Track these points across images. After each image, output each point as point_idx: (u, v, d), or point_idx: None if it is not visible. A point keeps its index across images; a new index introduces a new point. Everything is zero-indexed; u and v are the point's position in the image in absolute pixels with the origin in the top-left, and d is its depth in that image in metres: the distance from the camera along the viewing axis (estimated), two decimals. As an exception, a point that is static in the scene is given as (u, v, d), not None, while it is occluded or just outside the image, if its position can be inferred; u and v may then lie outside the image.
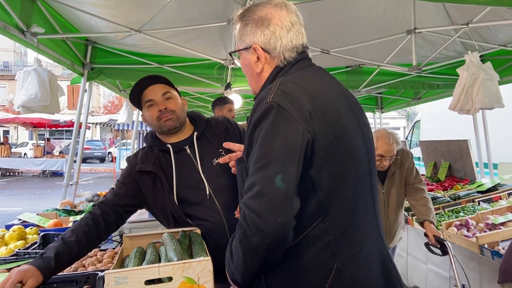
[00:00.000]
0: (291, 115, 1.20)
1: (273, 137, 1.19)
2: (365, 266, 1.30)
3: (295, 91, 1.26)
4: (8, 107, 33.97)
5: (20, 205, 11.00)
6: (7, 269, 2.01)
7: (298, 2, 3.04)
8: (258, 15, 1.42)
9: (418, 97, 7.53)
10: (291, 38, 1.40)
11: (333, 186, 1.25)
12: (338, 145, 1.26)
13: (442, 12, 4.04)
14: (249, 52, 1.45)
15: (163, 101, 2.01)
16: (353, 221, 1.30)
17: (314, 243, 1.25)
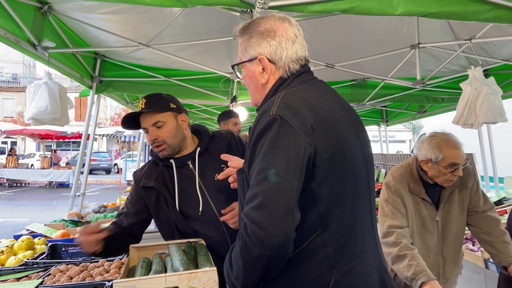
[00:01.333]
0: (294, 128, 1.22)
1: (275, 150, 1.21)
2: (363, 278, 1.31)
3: (297, 104, 1.29)
4: (16, 118, 34.35)
5: (27, 216, 11.06)
6: (16, 278, 2.04)
7: (302, 19, 3.11)
8: (263, 27, 1.45)
9: (423, 110, 7.55)
10: (296, 50, 1.43)
11: (332, 199, 1.27)
12: (339, 159, 1.28)
13: (446, 27, 4.09)
14: (253, 64, 1.46)
15: (154, 130, 2.03)
16: (352, 234, 1.31)
17: (313, 255, 1.26)
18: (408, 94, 6.03)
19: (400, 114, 8.44)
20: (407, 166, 2.65)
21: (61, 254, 2.55)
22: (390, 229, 2.41)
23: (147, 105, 2.03)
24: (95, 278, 1.90)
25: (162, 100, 2.07)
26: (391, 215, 2.47)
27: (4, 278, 2.07)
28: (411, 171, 2.61)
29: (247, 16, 2.57)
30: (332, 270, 1.26)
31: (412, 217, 2.54)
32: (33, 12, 3.46)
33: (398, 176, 2.60)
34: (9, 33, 3.20)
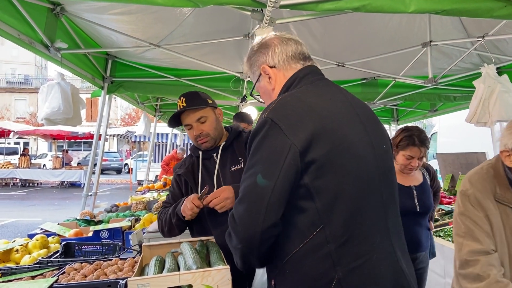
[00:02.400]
0: (281, 129, 1.29)
1: (261, 150, 1.31)
2: (371, 279, 1.28)
3: (292, 105, 1.35)
4: (29, 119, 34.78)
5: (40, 215, 11.19)
6: (31, 276, 2.07)
7: (313, 17, 3.10)
8: (257, 46, 1.61)
9: (435, 109, 7.48)
10: (290, 49, 1.55)
11: (331, 195, 1.28)
12: (336, 156, 1.29)
13: (458, 24, 4.05)
14: (261, 79, 1.58)
15: (198, 125, 2.20)
16: (357, 232, 1.29)
17: (315, 252, 1.27)
18: (419, 92, 5.98)
19: (411, 113, 8.37)
20: (489, 168, 1.98)
21: (75, 253, 2.58)
22: (471, 257, 1.82)
23: (188, 103, 2.19)
24: (109, 276, 1.91)
25: (200, 96, 2.24)
26: (470, 235, 1.86)
27: (19, 276, 2.10)
28: (495, 173, 1.94)
29: (258, 15, 2.57)
30: (335, 268, 1.25)
31: (501, 237, 1.86)
32: (46, 13, 3.51)
33: (477, 181, 1.95)
34: (22, 35, 3.24)
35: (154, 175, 15.15)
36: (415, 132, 2.81)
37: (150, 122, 8.70)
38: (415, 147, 2.77)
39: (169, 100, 8.33)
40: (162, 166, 10.57)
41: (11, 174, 18.84)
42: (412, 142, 2.77)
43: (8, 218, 10.83)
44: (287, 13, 3.52)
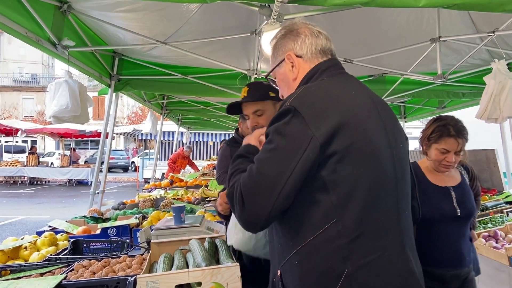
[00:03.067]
0: (304, 119, 1.26)
1: (281, 137, 1.27)
2: (381, 277, 1.26)
3: (316, 96, 1.32)
4: (36, 118, 35.01)
5: (48, 213, 11.26)
6: (40, 273, 2.07)
7: (321, 13, 3.08)
8: (287, 30, 1.55)
9: (443, 106, 7.41)
10: (320, 43, 1.50)
11: (347, 189, 1.26)
12: (355, 150, 1.27)
13: (467, 20, 4.00)
14: (283, 65, 1.55)
15: (255, 117, 2.22)
16: (370, 228, 1.28)
17: (325, 245, 1.26)
18: (427, 89, 5.93)
19: (419, 110, 8.30)
20: None
21: (83, 250, 2.58)
22: None
23: (249, 94, 2.22)
24: (118, 274, 1.91)
25: (263, 89, 2.23)
26: None
27: (28, 273, 2.10)
28: None
29: (266, 10, 2.55)
30: (345, 263, 1.24)
31: None
32: (53, 11, 3.51)
33: None
34: (30, 32, 3.25)
35: (161, 173, 15.18)
36: (450, 121, 2.39)
37: (156, 120, 8.70)
38: (451, 138, 2.33)
39: (176, 98, 8.33)
40: (169, 164, 10.58)
41: (19, 172, 18.99)
42: (446, 132, 2.34)
43: (17, 216, 10.92)
44: (294, 9, 3.50)
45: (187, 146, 10.89)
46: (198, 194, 5.11)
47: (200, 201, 4.56)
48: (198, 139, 20.82)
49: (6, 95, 38.93)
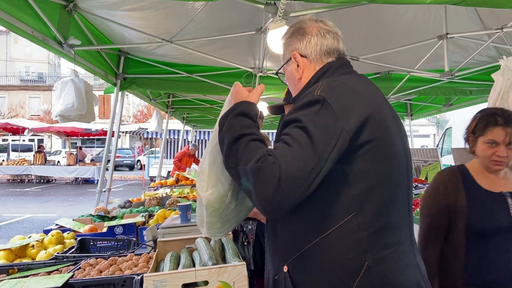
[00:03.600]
0: (334, 111, 1.24)
1: (315, 126, 1.22)
2: (397, 270, 1.29)
3: (342, 90, 1.31)
4: (43, 116, 35.23)
5: (55, 211, 11.33)
6: (47, 272, 2.08)
7: (327, 10, 3.06)
8: (295, 28, 1.55)
9: (450, 103, 7.37)
10: (326, 43, 1.49)
11: (368, 183, 1.27)
12: (379, 146, 1.29)
13: (474, 16, 3.97)
14: (290, 63, 1.54)
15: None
16: (388, 223, 1.30)
17: (345, 238, 1.26)
18: (434, 86, 5.89)
19: (425, 107, 8.25)
20: None
21: (90, 248, 2.59)
22: None
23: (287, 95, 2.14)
24: (124, 272, 1.91)
25: None
26: None
27: (35, 271, 2.11)
28: None
29: (271, 8, 2.54)
30: (365, 255, 1.25)
31: None
32: (59, 10, 3.52)
33: None
34: (36, 31, 3.26)
35: (166, 171, 15.22)
36: (496, 111, 2.08)
37: (162, 119, 8.72)
38: (498, 127, 1.99)
39: (181, 96, 8.34)
40: (175, 163, 10.61)
41: (26, 170, 19.13)
42: (493, 121, 2.02)
43: (24, 214, 11.00)
44: (299, 6, 3.48)
45: (192, 144, 10.91)
46: (204, 192, 5.11)
47: (206, 200, 4.55)
48: (203, 137, 20.84)
49: (13, 94, 39.21)
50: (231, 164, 1.27)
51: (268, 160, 1.17)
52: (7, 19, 2.90)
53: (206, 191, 1.39)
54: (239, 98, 1.43)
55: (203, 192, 1.39)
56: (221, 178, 1.39)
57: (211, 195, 1.38)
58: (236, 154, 1.24)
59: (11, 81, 39.97)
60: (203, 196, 1.38)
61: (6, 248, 2.55)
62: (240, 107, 1.37)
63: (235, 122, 1.32)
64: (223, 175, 1.38)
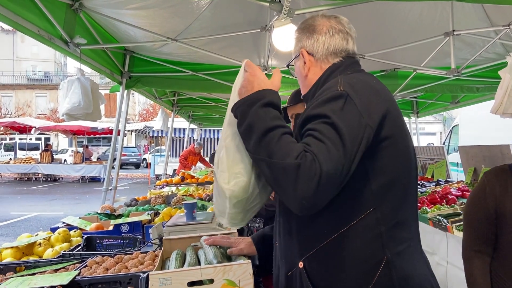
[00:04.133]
0: (357, 107, 1.23)
1: (343, 122, 1.19)
2: (413, 264, 1.32)
3: (361, 86, 1.31)
4: (49, 115, 35.45)
5: (61, 209, 11.42)
6: (54, 269, 2.09)
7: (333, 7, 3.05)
8: (306, 24, 1.54)
9: (456, 101, 7.32)
10: (334, 43, 1.48)
11: (387, 178, 1.29)
12: (396, 142, 1.31)
13: (481, 13, 3.93)
14: (298, 59, 1.55)
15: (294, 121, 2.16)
16: (403, 218, 1.33)
17: (365, 232, 1.26)
18: (440, 84, 5.86)
19: (432, 105, 8.21)
20: None
21: (96, 246, 2.60)
22: None
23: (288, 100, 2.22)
24: (130, 270, 1.92)
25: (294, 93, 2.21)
26: None
27: (42, 269, 2.13)
28: None
29: (276, 6, 2.53)
30: (384, 250, 1.26)
31: None
32: (65, 9, 3.54)
33: None
34: (42, 31, 3.27)
35: (172, 170, 15.28)
36: None
37: (167, 117, 8.75)
38: None
39: (186, 95, 8.36)
40: (180, 161, 10.64)
41: (33, 169, 19.29)
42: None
43: (31, 212, 11.09)
44: (304, 4, 3.47)
45: (197, 143, 10.94)
46: (210, 190, 5.12)
47: (211, 198, 4.57)
48: (209, 135, 20.88)
49: (19, 93, 39.49)
50: (261, 157, 1.21)
51: (307, 157, 1.13)
52: (14, 19, 2.92)
53: (229, 183, 1.33)
54: (262, 85, 1.35)
55: (225, 184, 1.34)
56: (242, 168, 1.34)
57: (235, 186, 1.33)
58: (268, 147, 1.19)
59: (18, 80, 40.25)
60: (226, 189, 1.33)
61: (14, 246, 2.57)
62: (267, 96, 1.31)
63: (264, 112, 1.26)
64: (244, 163, 1.34)
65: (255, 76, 1.38)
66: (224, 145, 1.37)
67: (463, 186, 4.99)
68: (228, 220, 1.43)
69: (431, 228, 3.97)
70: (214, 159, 1.43)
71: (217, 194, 1.42)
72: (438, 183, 5.53)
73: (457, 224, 3.67)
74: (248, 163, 1.34)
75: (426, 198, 4.53)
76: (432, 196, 4.53)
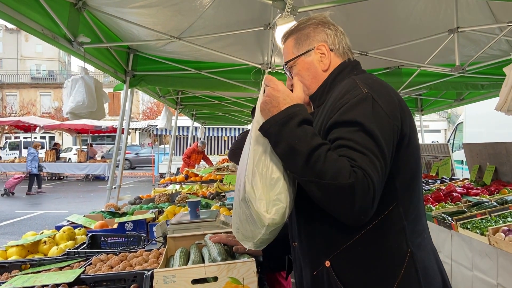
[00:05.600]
0: (383, 108, 1.25)
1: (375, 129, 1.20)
2: (428, 255, 1.37)
3: (378, 87, 1.32)
4: (54, 114, 35.59)
5: (66, 207, 11.47)
6: (59, 267, 2.11)
7: (336, 5, 3.04)
8: (316, 21, 1.52)
9: (461, 98, 7.29)
10: (347, 41, 1.53)
11: (407, 175, 1.33)
12: (412, 138, 1.34)
13: (486, 10, 3.91)
14: (310, 54, 1.49)
15: None
16: (419, 211, 1.38)
17: (390, 227, 1.30)
18: (445, 81, 5.83)
19: (436, 102, 8.17)
20: None
21: (101, 244, 2.61)
22: None
23: None
24: (135, 268, 1.93)
25: None
26: None
27: (47, 267, 2.14)
28: None
29: (280, 3, 2.53)
30: (407, 243, 1.30)
31: None
32: (69, 8, 3.55)
33: None
34: (46, 30, 3.29)
35: (176, 168, 15.30)
36: None
37: (171, 115, 8.76)
38: None
39: (190, 93, 8.37)
40: (184, 159, 10.66)
41: (38, 167, 19.33)
42: None
43: (36, 211, 11.15)
44: (308, 1, 3.46)
45: (200, 141, 10.95)
46: (213, 188, 5.13)
47: (215, 196, 4.57)
48: (212, 133, 20.90)
49: (24, 92, 39.65)
50: (310, 178, 1.18)
51: (358, 174, 1.13)
52: (18, 18, 2.93)
53: (268, 211, 1.28)
54: (289, 100, 1.30)
55: (266, 213, 1.28)
56: (278, 192, 1.30)
57: (276, 214, 1.28)
58: (315, 168, 1.16)
59: (22, 79, 40.42)
60: (268, 218, 1.28)
61: (19, 244, 2.58)
62: (299, 113, 1.26)
63: (301, 131, 1.22)
64: (278, 187, 1.30)
65: (279, 91, 1.31)
66: (252, 168, 1.31)
67: (467, 184, 4.97)
68: (256, 245, 1.39)
69: (435, 226, 3.96)
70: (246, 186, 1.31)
71: (247, 220, 1.35)
72: (442, 180, 5.51)
73: (461, 222, 3.65)
74: (282, 186, 1.30)
75: (430, 196, 4.52)
76: (437, 194, 4.52)
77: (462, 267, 4.07)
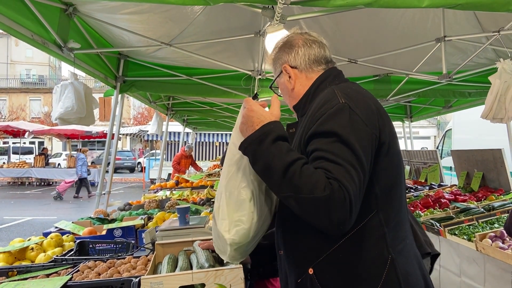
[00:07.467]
0: (360, 118, 1.28)
1: (352, 139, 1.23)
2: (409, 260, 1.38)
3: (357, 97, 1.35)
4: (43, 119, 35.25)
5: (55, 213, 11.34)
6: (46, 274, 2.09)
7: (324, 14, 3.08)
8: (282, 43, 1.61)
9: (449, 105, 7.38)
10: (313, 53, 1.54)
11: (388, 182, 1.35)
12: (392, 145, 1.37)
13: (473, 19, 3.98)
14: (282, 76, 1.59)
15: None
16: (400, 217, 1.40)
17: (370, 234, 1.31)
18: (433, 89, 5.90)
19: (425, 109, 8.27)
20: None
21: (89, 251, 2.60)
22: None
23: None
24: (123, 274, 1.92)
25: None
26: None
27: (34, 274, 2.12)
28: None
29: (269, 12, 2.56)
30: (388, 249, 1.32)
31: None
32: (59, 14, 3.54)
33: None
34: (36, 35, 3.28)
35: (167, 174, 15.24)
36: None
37: (162, 121, 8.74)
38: None
39: (181, 99, 8.36)
40: (174, 166, 10.61)
41: (26, 173, 19.10)
42: None
43: (24, 217, 11.01)
44: (298, 10, 3.50)
45: (187, 145, 10.91)
46: (204, 194, 5.13)
47: (205, 202, 4.57)
48: (204, 139, 20.85)
49: (13, 97, 39.25)
50: (287, 194, 1.21)
51: (333, 185, 1.15)
52: (7, 23, 2.92)
53: (229, 231, 1.33)
54: (262, 119, 1.34)
55: (226, 233, 1.34)
56: (242, 214, 1.34)
57: (235, 234, 1.34)
58: (291, 183, 1.19)
59: (12, 83, 40.03)
60: (227, 238, 1.34)
61: (6, 251, 2.56)
62: (272, 130, 1.29)
63: (276, 148, 1.25)
64: (243, 208, 1.34)
65: (253, 111, 1.36)
66: (223, 189, 1.37)
67: (456, 190, 5.03)
68: (229, 259, 1.43)
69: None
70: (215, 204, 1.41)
71: (217, 236, 1.41)
72: (431, 187, 5.56)
73: (449, 228, 3.69)
74: (248, 207, 1.35)
75: (419, 202, 4.56)
76: (425, 200, 4.57)
77: (450, 273, 4.11)
